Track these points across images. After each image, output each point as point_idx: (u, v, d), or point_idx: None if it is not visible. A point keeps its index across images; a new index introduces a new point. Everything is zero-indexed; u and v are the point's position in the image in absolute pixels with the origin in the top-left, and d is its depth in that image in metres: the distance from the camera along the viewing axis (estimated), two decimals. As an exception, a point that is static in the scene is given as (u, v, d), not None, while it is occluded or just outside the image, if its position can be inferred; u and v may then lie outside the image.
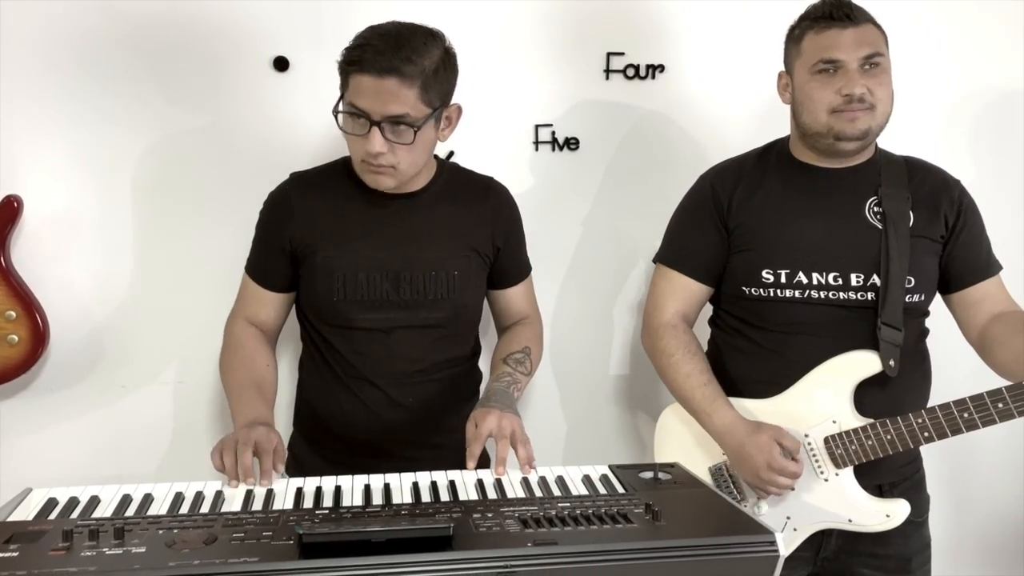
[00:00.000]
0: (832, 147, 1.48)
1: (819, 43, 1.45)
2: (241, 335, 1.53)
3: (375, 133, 1.35)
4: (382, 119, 1.34)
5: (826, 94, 1.44)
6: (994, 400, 1.34)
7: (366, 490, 1.24)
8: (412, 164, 1.42)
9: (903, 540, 1.53)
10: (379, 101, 1.33)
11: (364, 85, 1.33)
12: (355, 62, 1.34)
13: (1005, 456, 2.12)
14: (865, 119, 1.44)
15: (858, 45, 1.43)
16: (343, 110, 1.38)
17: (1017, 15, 1.96)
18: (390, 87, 1.32)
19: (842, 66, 1.43)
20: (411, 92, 1.34)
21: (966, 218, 1.52)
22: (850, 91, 1.42)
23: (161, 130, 1.78)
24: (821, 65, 1.44)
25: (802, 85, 1.48)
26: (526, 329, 1.62)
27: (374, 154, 1.36)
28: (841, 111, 1.44)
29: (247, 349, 1.51)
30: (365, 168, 1.41)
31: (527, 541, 1.02)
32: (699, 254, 1.58)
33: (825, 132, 1.46)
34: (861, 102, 1.42)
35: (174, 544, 1.01)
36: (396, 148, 1.37)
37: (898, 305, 1.45)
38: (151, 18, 1.74)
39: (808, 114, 1.47)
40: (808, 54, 1.46)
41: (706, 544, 1.03)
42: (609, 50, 1.86)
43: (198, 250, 1.82)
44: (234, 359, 1.51)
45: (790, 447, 1.45)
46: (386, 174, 1.40)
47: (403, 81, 1.32)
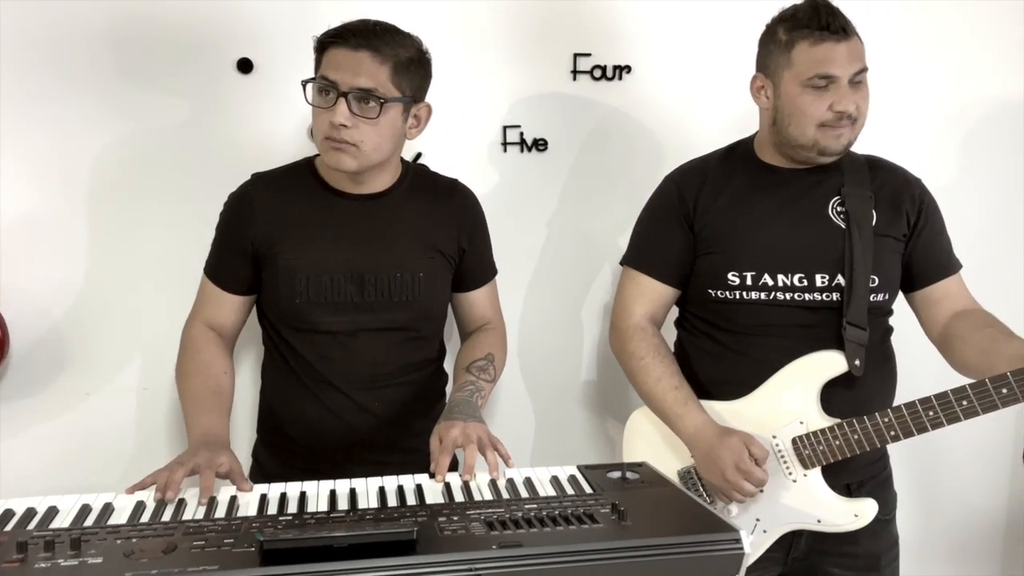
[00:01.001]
0: (812, 159, 1.49)
1: (815, 56, 1.42)
2: (199, 339, 1.51)
3: (340, 103, 1.36)
4: (350, 90, 1.36)
5: (818, 108, 1.43)
6: (958, 398, 1.35)
7: (331, 495, 1.23)
8: (375, 148, 1.41)
9: (872, 538, 1.54)
10: (349, 72, 1.36)
11: (337, 58, 1.37)
12: (332, 36, 1.39)
13: (972, 453, 2.15)
14: (848, 134, 1.45)
15: (851, 61, 1.42)
16: (312, 80, 1.40)
17: (997, 23, 1.99)
18: (361, 59, 1.36)
19: (835, 81, 1.42)
20: (382, 69, 1.37)
21: (927, 216, 1.54)
22: (843, 108, 1.42)
23: (122, 132, 1.76)
24: (817, 80, 1.42)
25: (792, 97, 1.45)
26: (489, 335, 1.61)
27: (337, 125, 1.37)
28: (830, 127, 1.44)
29: (204, 354, 1.49)
30: (328, 145, 1.40)
31: (492, 543, 1.02)
32: (666, 256, 1.58)
33: (810, 146, 1.46)
34: (849, 118, 1.43)
35: (132, 554, 1.00)
36: (360, 124, 1.38)
37: (863, 305, 1.46)
38: (111, 18, 1.72)
39: (796, 126, 1.46)
40: (801, 65, 1.43)
41: (671, 543, 1.03)
42: (576, 51, 1.86)
43: (161, 253, 1.80)
44: (190, 365, 1.48)
45: (758, 454, 1.45)
46: (348, 152, 1.40)
47: (375, 57, 1.37)
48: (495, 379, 1.56)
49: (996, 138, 2.05)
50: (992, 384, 1.33)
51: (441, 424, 1.37)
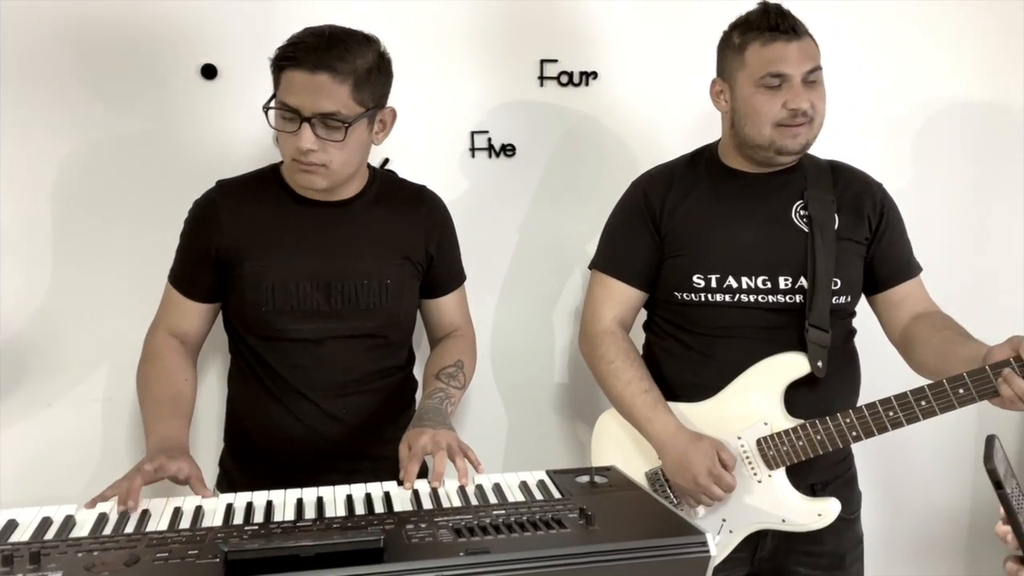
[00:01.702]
0: (771, 159, 1.51)
1: (765, 56, 1.45)
2: (161, 347, 1.49)
3: (305, 129, 1.34)
4: (313, 115, 1.34)
5: (772, 107, 1.45)
6: (917, 399, 1.38)
7: (298, 504, 1.22)
8: (344, 164, 1.40)
9: (836, 537, 1.56)
10: (310, 97, 1.33)
11: (295, 81, 1.33)
12: (287, 58, 1.34)
13: (935, 453, 2.18)
14: (805, 133, 1.47)
15: (802, 59, 1.45)
16: (274, 106, 1.37)
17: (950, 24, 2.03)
18: (321, 83, 1.32)
19: (788, 80, 1.44)
20: (343, 89, 1.34)
21: (888, 220, 1.57)
22: (796, 106, 1.44)
23: (84, 138, 1.73)
24: (769, 79, 1.45)
25: (747, 97, 1.48)
26: (458, 342, 1.61)
27: (304, 151, 1.35)
28: (785, 125, 1.46)
29: (165, 361, 1.47)
30: (296, 167, 1.39)
31: (459, 551, 1.02)
32: (634, 260, 1.59)
33: (767, 145, 1.48)
34: (804, 116, 1.45)
35: (93, 567, 0.98)
36: (327, 146, 1.36)
37: (825, 307, 1.48)
38: (75, 25, 1.69)
39: (752, 126, 1.48)
40: (753, 66, 1.46)
41: (637, 547, 1.04)
42: (543, 57, 1.87)
43: (125, 261, 1.77)
44: (151, 372, 1.47)
45: (728, 460, 1.47)
46: (317, 173, 1.39)
47: (335, 77, 1.33)
48: (465, 386, 1.55)
49: (950, 139, 2.09)
50: (949, 385, 1.36)
51: (410, 431, 1.37)
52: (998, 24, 2.06)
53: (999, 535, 0.88)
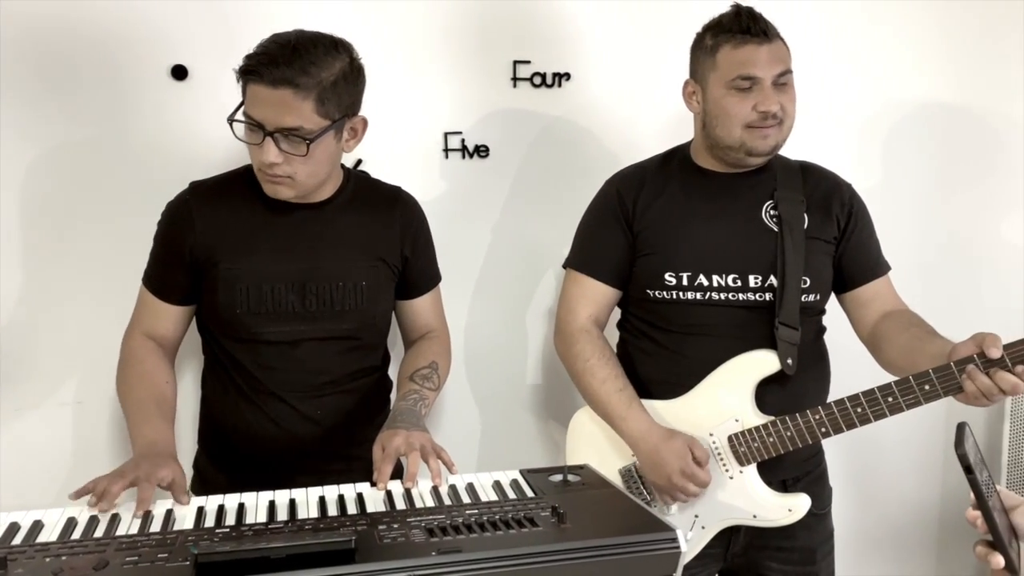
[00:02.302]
0: (741, 160, 1.53)
1: (736, 58, 1.46)
2: (139, 350, 1.48)
3: (268, 143, 1.34)
4: (275, 130, 1.33)
5: (742, 109, 1.47)
6: (884, 394, 1.40)
7: (271, 506, 1.21)
8: (310, 175, 1.40)
9: (807, 533, 1.58)
10: (272, 112, 1.32)
11: (259, 95, 1.33)
12: (251, 71, 1.32)
13: (905, 449, 2.22)
14: (775, 135, 1.49)
15: (772, 62, 1.46)
16: (238, 119, 1.36)
17: (916, 25, 2.06)
18: (283, 98, 1.31)
19: (758, 82, 1.46)
20: (305, 104, 1.32)
21: (856, 220, 1.59)
22: (766, 108, 1.45)
23: (54, 140, 1.71)
24: (739, 82, 1.46)
25: (718, 99, 1.49)
26: (432, 343, 1.60)
27: (268, 164, 1.35)
28: (755, 127, 1.47)
29: (145, 364, 1.46)
30: (263, 177, 1.40)
31: (431, 550, 1.02)
32: (607, 258, 1.60)
33: (738, 147, 1.50)
34: (774, 118, 1.47)
35: (61, 571, 0.97)
36: (291, 159, 1.36)
37: (794, 305, 1.50)
38: (43, 23, 1.67)
39: (723, 128, 1.50)
40: (724, 68, 1.48)
41: (609, 544, 1.05)
42: (515, 58, 1.88)
43: (95, 264, 1.76)
44: (132, 375, 1.46)
45: (701, 457, 1.48)
46: (283, 184, 1.39)
47: (297, 93, 1.31)
48: (439, 387, 1.55)
49: (918, 139, 2.12)
50: (915, 381, 1.38)
51: (384, 433, 1.37)
52: (964, 26, 2.10)
53: (969, 520, 0.90)
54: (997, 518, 0.87)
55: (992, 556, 0.88)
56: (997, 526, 0.87)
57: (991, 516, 0.87)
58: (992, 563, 0.88)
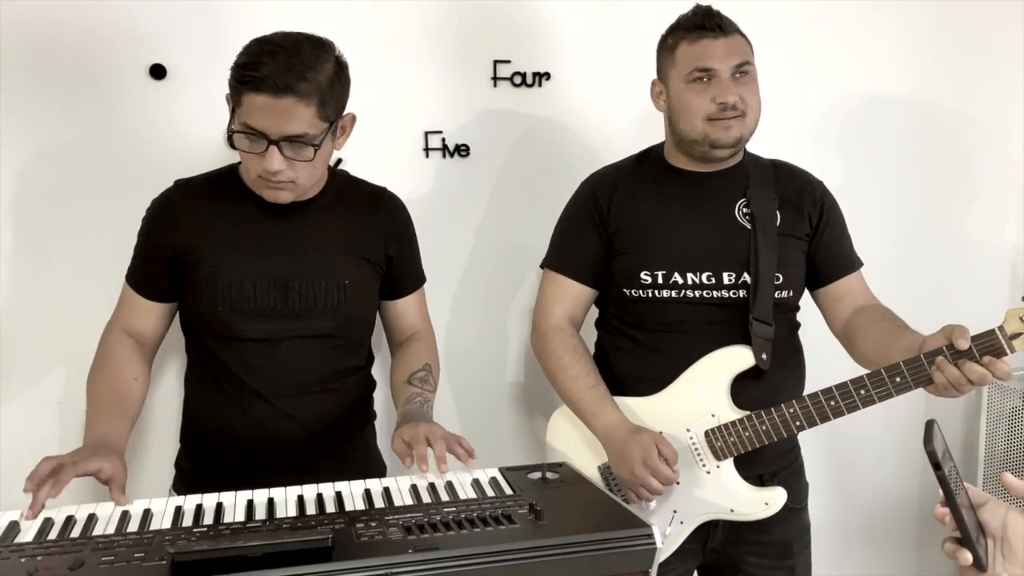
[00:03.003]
0: (707, 154, 1.54)
1: (693, 52, 1.50)
2: (113, 346, 1.47)
3: (273, 152, 1.32)
4: (280, 138, 1.32)
5: (702, 102, 1.49)
6: (857, 387, 1.42)
7: (249, 505, 1.22)
8: (311, 177, 1.40)
9: (784, 527, 1.60)
10: (276, 121, 1.30)
11: (259, 104, 1.30)
12: (247, 81, 1.29)
13: (884, 443, 2.24)
14: (737, 127, 1.51)
15: (729, 55, 1.49)
16: (238, 130, 1.34)
17: (886, 22, 2.08)
18: (287, 106, 1.29)
19: (715, 75, 1.49)
20: (308, 110, 1.31)
21: (828, 217, 1.61)
22: (724, 99, 1.48)
23: (34, 140, 1.71)
24: (696, 74, 1.49)
25: (678, 94, 1.52)
26: (421, 345, 1.60)
27: (273, 171, 1.34)
28: (716, 119, 1.49)
29: (115, 360, 1.46)
30: (262, 184, 1.38)
31: (408, 548, 1.03)
32: (582, 258, 1.61)
33: (701, 140, 1.52)
34: (734, 109, 1.49)
35: (36, 572, 0.98)
36: (295, 164, 1.35)
37: (768, 301, 1.52)
38: (20, 25, 1.67)
39: (685, 122, 1.52)
40: (682, 63, 1.51)
41: (585, 540, 1.06)
42: (496, 58, 1.89)
43: (76, 263, 1.75)
44: (100, 371, 1.45)
45: (667, 453, 1.49)
46: (285, 189, 1.39)
47: (300, 100, 1.30)
48: (435, 388, 1.56)
49: (887, 135, 2.13)
50: (887, 373, 1.40)
51: (402, 428, 1.36)
52: (943, 21, 2.11)
53: (938, 517, 0.91)
54: (965, 515, 0.88)
55: (960, 553, 0.89)
56: (965, 523, 0.88)
57: (959, 513, 0.88)
58: (960, 559, 0.89)
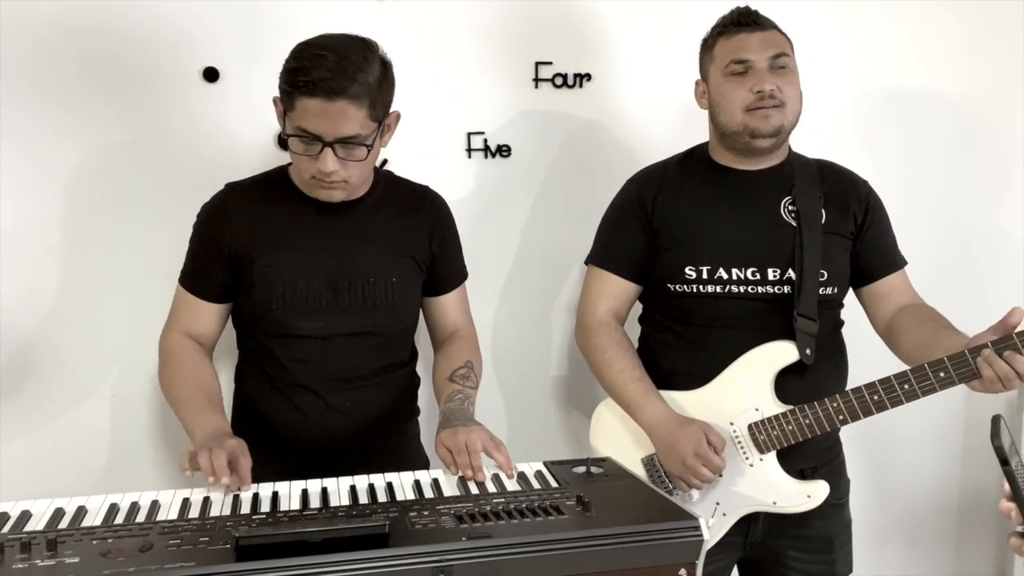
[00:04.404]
0: (748, 145, 1.55)
1: (730, 46, 1.54)
2: (180, 348, 1.51)
3: (327, 154, 1.36)
4: (334, 140, 1.35)
5: (740, 93, 1.52)
6: (900, 382, 1.42)
7: (303, 494, 1.26)
8: (362, 176, 1.44)
9: (825, 522, 1.61)
10: (330, 124, 1.33)
11: (312, 108, 1.33)
12: (300, 85, 1.32)
13: (924, 441, 2.22)
14: (777, 116, 1.52)
15: (765, 46, 1.52)
16: (291, 134, 1.37)
17: (911, 17, 2.06)
18: (339, 109, 1.32)
19: (752, 66, 1.51)
20: (360, 112, 1.34)
21: (873, 215, 1.61)
22: (761, 87, 1.50)
23: (91, 141, 1.76)
24: (733, 66, 1.52)
25: (717, 87, 1.56)
26: (463, 343, 1.62)
27: (327, 172, 1.37)
28: (755, 109, 1.51)
29: (190, 361, 1.49)
30: (316, 184, 1.41)
31: (461, 536, 1.05)
32: (627, 254, 1.64)
33: (741, 130, 1.54)
34: (772, 98, 1.51)
35: (108, 553, 1.02)
36: (348, 164, 1.38)
37: (812, 297, 1.53)
38: (77, 28, 1.72)
39: (725, 114, 1.55)
40: (720, 58, 1.55)
41: (633, 531, 1.08)
42: (538, 59, 1.91)
43: (129, 262, 1.80)
44: (177, 372, 1.48)
45: (716, 442, 1.51)
46: (339, 188, 1.42)
47: (352, 102, 1.32)
48: (477, 385, 1.58)
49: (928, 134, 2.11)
50: (931, 368, 1.40)
51: (443, 433, 1.39)
52: (980, 18, 2.09)
53: (1003, 512, 0.91)
54: None
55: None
56: None
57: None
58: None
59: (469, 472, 1.30)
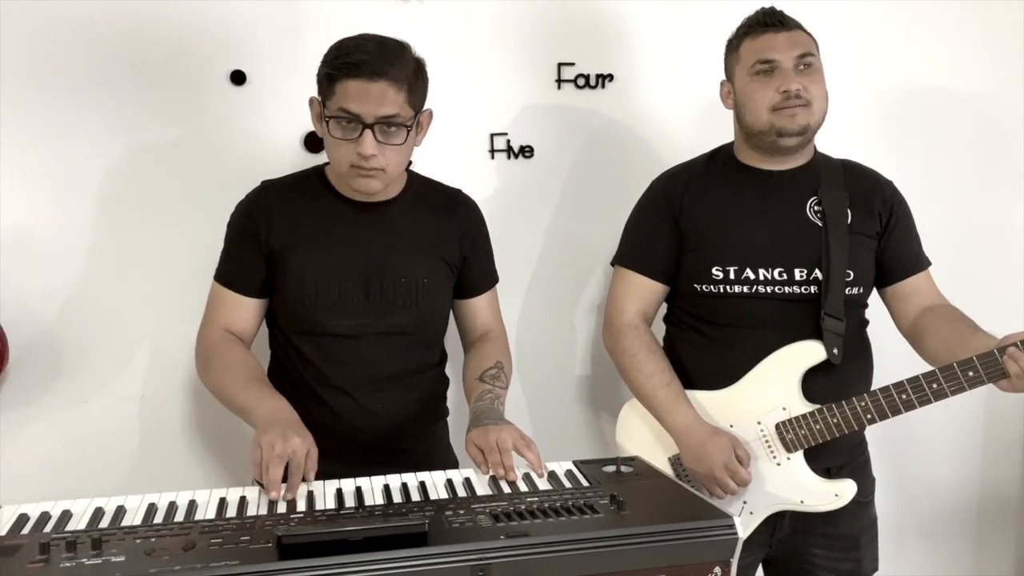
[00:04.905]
0: (775, 144, 1.56)
1: (755, 47, 1.55)
2: (222, 342, 1.51)
3: (367, 135, 1.38)
4: (375, 121, 1.38)
5: (766, 93, 1.53)
6: (929, 381, 1.43)
7: (338, 494, 1.27)
8: (398, 166, 1.46)
9: (851, 520, 1.61)
10: (371, 104, 1.37)
11: (355, 89, 1.37)
12: (344, 68, 1.37)
13: (942, 443, 2.23)
14: (803, 115, 1.53)
15: (791, 46, 1.53)
16: (332, 116, 1.40)
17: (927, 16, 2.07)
18: (380, 89, 1.37)
19: (778, 66, 1.52)
20: (400, 95, 1.39)
21: (898, 216, 1.62)
22: (787, 87, 1.51)
23: (120, 143, 1.78)
24: (759, 66, 1.53)
25: (743, 87, 1.57)
26: (494, 344, 1.63)
27: (367, 156, 1.39)
28: (781, 108, 1.52)
29: (236, 351, 1.49)
30: (355, 173, 1.43)
31: (499, 534, 1.06)
32: (655, 255, 1.64)
33: (767, 130, 1.54)
34: (798, 98, 1.52)
35: (153, 552, 1.02)
36: (385, 150, 1.41)
37: (839, 297, 1.53)
38: (108, 31, 1.74)
39: (751, 114, 1.56)
40: (746, 58, 1.56)
41: (669, 530, 1.08)
42: (560, 60, 1.92)
43: (157, 262, 1.82)
44: (223, 360, 1.48)
45: (742, 456, 1.52)
46: (375, 177, 1.43)
47: (392, 84, 1.38)
48: (507, 386, 1.59)
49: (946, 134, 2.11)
50: (959, 368, 1.41)
51: (474, 432, 1.40)
52: (996, 16, 2.10)
53: None
54: None
55: None
56: None
57: None
58: None
59: (501, 471, 1.31)
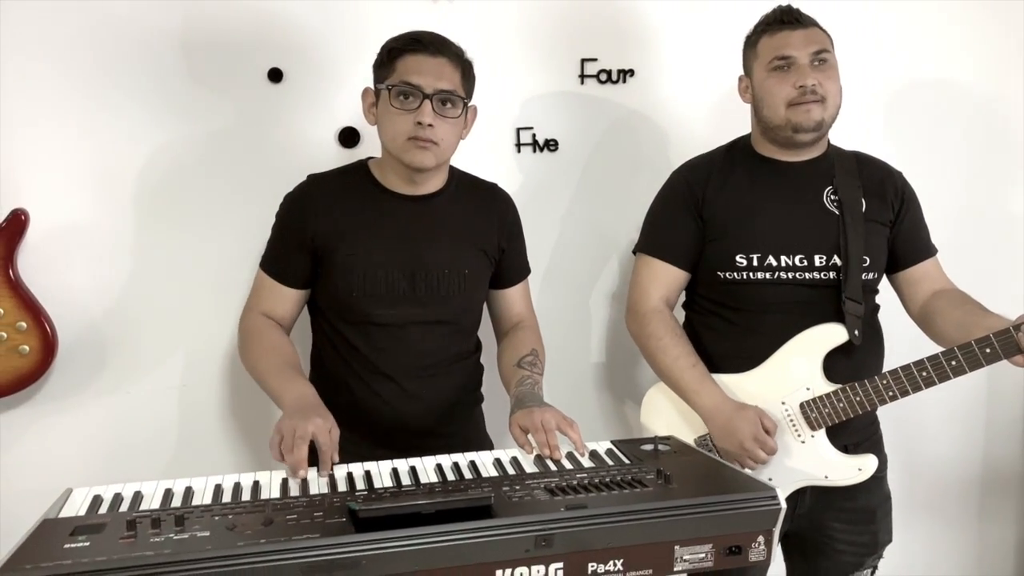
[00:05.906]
0: (791, 139, 1.63)
1: (773, 43, 1.61)
2: (262, 327, 1.56)
3: (426, 105, 1.47)
4: (435, 92, 1.47)
5: (783, 88, 1.59)
6: (948, 359, 1.51)
7: (394, 473, 1.32)
8: (449, 146, 1.53)
9: (867, 494, 1.69)
10: (432, 77, 1.48)
11: (416, 64, 1.48)
12: (409, 43, 1.49)
13: (945, 420, 2.30)
14: (817, 111, 1.60)
15: (807, 43, 1.59)
16: (393, 86, 1.48)
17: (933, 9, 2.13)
18: (442, 64, 1.49)
19: (794, 62, 1.59)
20: (456, 74, 1.51)
21: (908, 205, 1.70)
22: (803, 83, 1.57)
23: (163, 138, 1.81)
24: (776, 62, 1.60)
25: (761, 83, 1.63)
26: (528, 333, 1.69)
27: (425, 124, 1.46)
28: (797, 104, 1.59)
29: (273, 336, 1.55)
30: (411, 145, 1.49)
31: (560, 507, 1.12)
32: (678, 243, 1.70)
33: (784, 124, 1.61)
34: (813, 93, 1.58)
35: (235, 528, 1.07)
36: (441, 123, 1.49)
37: (857, 281, 1.61)
38: (149, 32, 1.78)
39: (768, 109, 1.62)
40: (764, 55, 1.62)
41: (716, 501, 1.15)
42: (583, 56, 1.97)
43: (199, 257, 1.85)
44: (259, 345, 1.54)
45: (770, 426, 1.59)
46: (429, 150, 1.50)
47: (450, 61, 1.50)
48: (543, 372, 1.64)
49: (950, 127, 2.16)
50: (977, 345, 1.48)
51: (518, 413, 1.46)
52: (1000, 8, 2.14)
53: None
54: None
55: None
56: None
57: None
58: None
59: (546, 450, 1.37)
